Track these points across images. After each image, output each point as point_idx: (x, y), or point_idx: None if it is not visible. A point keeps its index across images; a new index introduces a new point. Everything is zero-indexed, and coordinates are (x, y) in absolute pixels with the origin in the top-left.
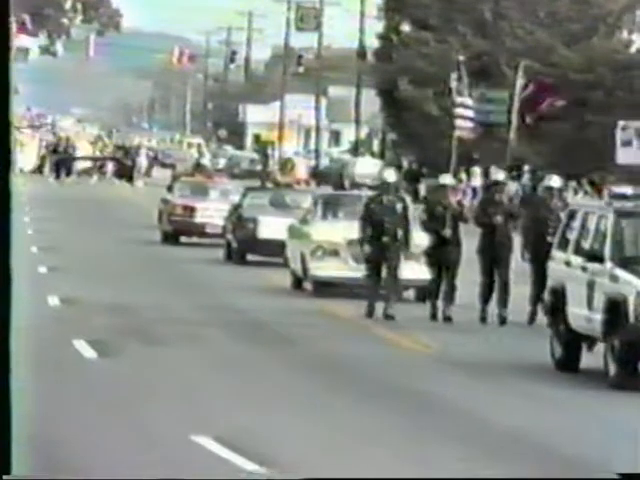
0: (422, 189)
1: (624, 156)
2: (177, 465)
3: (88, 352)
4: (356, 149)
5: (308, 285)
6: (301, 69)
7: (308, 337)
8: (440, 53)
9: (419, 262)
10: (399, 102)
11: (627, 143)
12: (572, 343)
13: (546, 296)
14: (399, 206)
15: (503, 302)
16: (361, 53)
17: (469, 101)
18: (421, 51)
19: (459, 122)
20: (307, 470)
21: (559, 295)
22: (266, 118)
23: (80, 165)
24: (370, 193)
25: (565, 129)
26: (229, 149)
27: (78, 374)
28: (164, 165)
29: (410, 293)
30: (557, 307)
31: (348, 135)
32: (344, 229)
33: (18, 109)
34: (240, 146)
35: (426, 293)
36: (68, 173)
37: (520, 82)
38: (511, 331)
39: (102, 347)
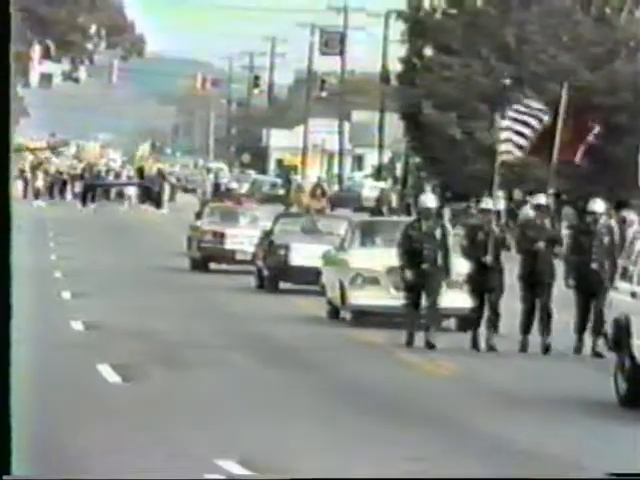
0: (446, 213)
1: None
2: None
3: (112, 377)
4: (379, 173)
5: (346, 314)
6: (324, 93)
7: (338, 364)
8: (463, 77)
9: (461, 290)
10: (423, 126)
11: None
12: (638, 378)
13: (609, 329)
14: (438, 232)
15: (546, 330)
16: (384, 77)
17: (515, 124)
18: (444, 75)
19: (504, 146)
20: None
21: (624, 327)
22: (289, 143)
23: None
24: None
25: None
26: (252, 174)
27: (102, 399)
28: (187, 190)
29: (451, 322)
30: (621, 340)
31: (371, 159)
32: (383, 256)
33: (33, 133)
34: (263, 171)
35: (467, 322)
36: (93, 198)
37: (564, 103)
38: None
39: (126, 372)
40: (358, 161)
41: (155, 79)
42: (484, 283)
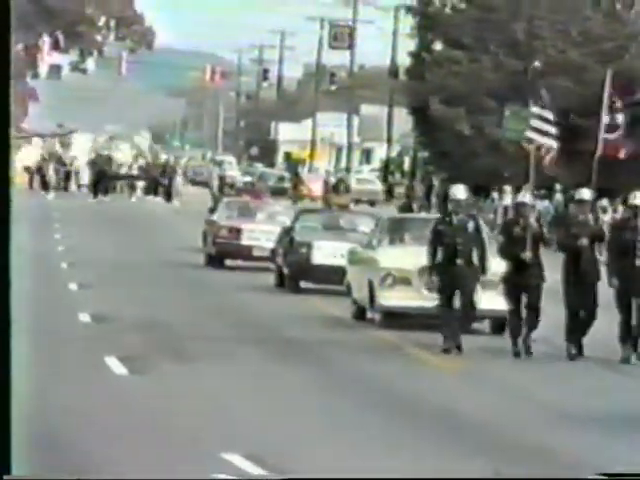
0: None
1: None
2: None
3: (119, 369)
4: (387, 167)
5: (374, 315)
6: (333, 87)
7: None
8: (472, 72)
9: (497, 291)
10: (431, 120)
11: None
12: None
13: None
14: (471, 225)
15: (581, 334)
16: (393, 71)
17: (548, 114)
18: (453, 70)
19: (533, 135)
20: None
21: None
22: (298, 136)
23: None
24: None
25: (595, 147)
26: (259, 167)
27: (109, 390)
28: (195, 183)
29: (486, 324)
30: None
31: (380, 153)
32: (414, 255)
33: (42, 124)
34: (271, 164)
35: (507, 327)
36: (106, 191)
37: (607, 93)
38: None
39: (133, 364)
40: (366, 155)
41: (164, 71)
42: (523, 281)
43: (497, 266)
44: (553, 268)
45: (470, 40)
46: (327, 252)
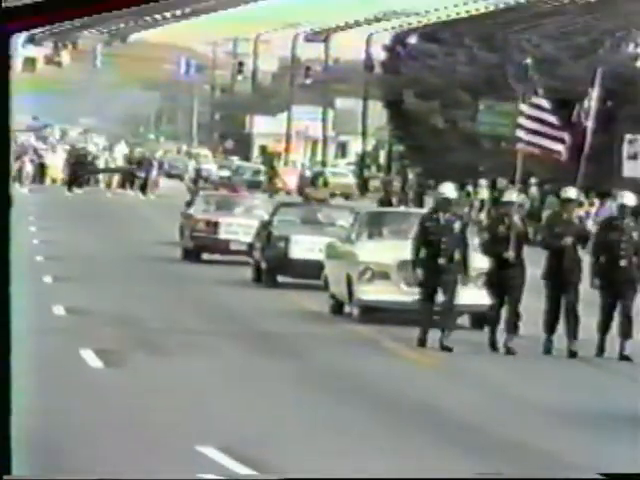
0: (428, 202)
1: (630, 169)
2: (181, 475)
3: (95, 362)
4: (363, 161)
5: (352, 310)
6: (308, 81)
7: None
8: (447, 66)
9: (477, 286)
10: (405, 114)
11: (633, 156)
12: None
13: None
14: (457, 225)
15: (572, 333)
16: (368, 65)
17: (536, 111)
18: (428, 63)
19: (521, 134)
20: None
21: None
22: (273, 129)
23: None
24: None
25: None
26: (235, 160)
27: (84, 383)
28: (170, 176)
29: (464, 319)
30: None
31: (355, 147)
32: (393, 249)
33: (17, 117)
34: (246, 157)
35: (486, 321)
36: (80, 184)
37: (597, 92)
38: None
39: (109, 357)
40: (342, 148)
41: (139, 64)
42: (505, 281)
43: (479, 262)
44: (535, 264)
45: (444, 33)
46: (305, 246)
